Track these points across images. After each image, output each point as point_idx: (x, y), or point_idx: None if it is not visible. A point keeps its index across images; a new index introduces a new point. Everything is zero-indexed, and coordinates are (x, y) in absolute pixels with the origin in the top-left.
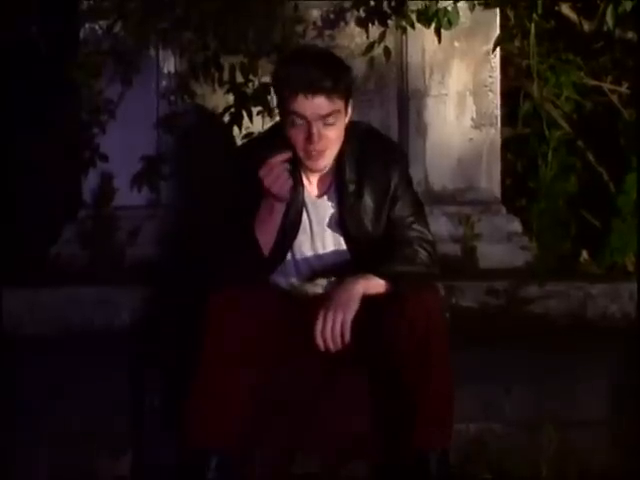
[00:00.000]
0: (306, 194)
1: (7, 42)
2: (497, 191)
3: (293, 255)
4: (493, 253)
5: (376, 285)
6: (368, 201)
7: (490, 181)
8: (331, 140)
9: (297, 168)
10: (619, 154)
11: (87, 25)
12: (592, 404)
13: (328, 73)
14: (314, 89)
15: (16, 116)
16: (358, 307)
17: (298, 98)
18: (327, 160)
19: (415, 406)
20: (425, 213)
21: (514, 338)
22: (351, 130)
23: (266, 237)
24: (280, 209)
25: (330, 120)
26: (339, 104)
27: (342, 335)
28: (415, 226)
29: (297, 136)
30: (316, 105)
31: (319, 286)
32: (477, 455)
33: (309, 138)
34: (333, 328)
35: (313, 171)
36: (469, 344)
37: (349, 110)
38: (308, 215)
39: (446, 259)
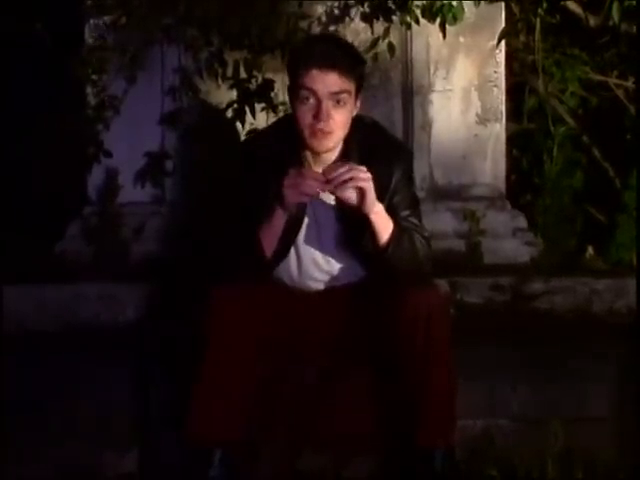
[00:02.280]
0: None
1: (11, 37)
2: (502, 187)
3: (296, 249)
4: (498, 249)
5: (383, 217)
6: None
7: (495, 177)
8: (338, 123)
9: (302, 162)
10: (625, 149)
11: (91, 21)
12: (598, 400)
13: (344, 53)
14: (328, 64)
15: (20, 111)
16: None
17: (311, 72)
18: (331, 143)
19: (417, 404)
20: (421, 211)
21: (519, 334)
22: (356, 125)
23: (269, 239)
24: (283, 216)
25: (340, 100)
26: (350, 86)
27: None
28: (411, 219)
29: (305, 114)
30: (328, 81)
31: (320, 282)
32: (484, 451)
33: (317, 115)
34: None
35: (316, 152)
36: (474, 340)
37: (357, 102)
38: (313, 209)
39: (451, 255)
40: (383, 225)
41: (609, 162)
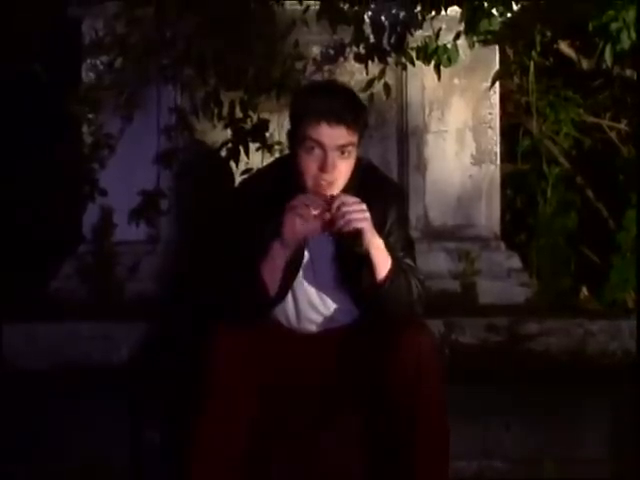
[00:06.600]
0: None
1: (8, 75)
2: (496, 227)
3: (293, 290)
4: (492, 289)
5: (382, 252)
6: None
7: (489, 217)
8: (342, 172)
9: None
10: (618, 190)
11: (89, 60)
12: (592, 441)
13: (350, 106)
14: (337, 119)
15: (17, 150)
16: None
17: (320, 126)
18: (334, 192)
19: (409, 446)
20: (415, 252)
21: (514, 375)
22: (353, 166)
23: (272, 277)
24: (285, 253)
25: (346, 151)
26: (355, 137)
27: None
28: (406, 260)
29: (310, 163)
30: (336, 135)
31: (316, 324)
32: None
33: (323, 167)
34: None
35: None
36: (469, 380)
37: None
38: (309, 251)
39: (445, 295)
40: (382, 260)
41: (602, 203)
